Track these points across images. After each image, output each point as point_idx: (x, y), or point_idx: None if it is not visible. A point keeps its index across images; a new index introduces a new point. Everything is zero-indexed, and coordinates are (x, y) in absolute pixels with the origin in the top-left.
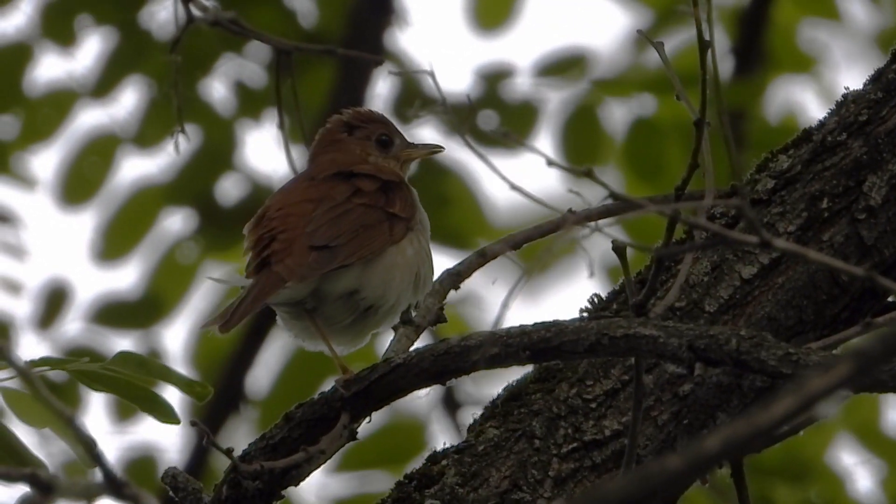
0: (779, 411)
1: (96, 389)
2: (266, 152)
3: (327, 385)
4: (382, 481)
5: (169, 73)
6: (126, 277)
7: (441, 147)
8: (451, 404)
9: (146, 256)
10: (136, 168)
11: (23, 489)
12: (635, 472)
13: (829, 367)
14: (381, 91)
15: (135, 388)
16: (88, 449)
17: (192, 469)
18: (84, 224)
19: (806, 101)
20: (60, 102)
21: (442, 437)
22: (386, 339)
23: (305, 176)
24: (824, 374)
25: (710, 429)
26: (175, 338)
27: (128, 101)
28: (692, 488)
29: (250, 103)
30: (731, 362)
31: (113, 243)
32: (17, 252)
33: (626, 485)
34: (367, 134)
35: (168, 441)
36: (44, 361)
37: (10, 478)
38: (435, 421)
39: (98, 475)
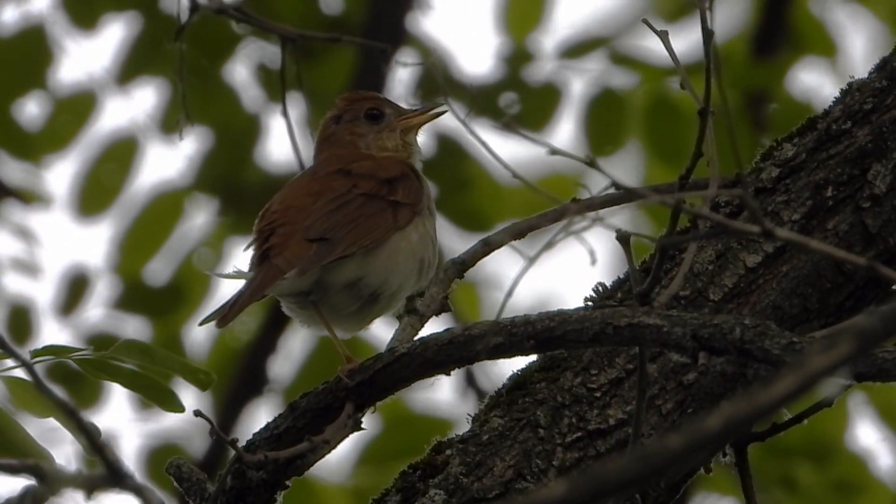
0: (780, 390)
1: (101, 378)
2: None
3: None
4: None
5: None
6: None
7: (444, 109)
8: (479, 393)
9: (165, 260)
10: (156, 170)
11: (26, 480)
12: (636, 452)
13: (831, 346)
14: (401, 77)
15: (139, 376)
16: (91, 439)
17: (213, 458)
18: (101, 235)
19: (824, 84)
20: (80, 107)
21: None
22: (390, 329)
23: (309, 172)
24: (825, 352)
25: None
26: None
27: (149, 94)
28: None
29: (272, 88)
30: (735, 351)
31: (130, 254)
32: (31, 269)
33: (626, 464)
34: (354, 114)
35: (191, 430)
36: (46, 350)
37: (13, 469)
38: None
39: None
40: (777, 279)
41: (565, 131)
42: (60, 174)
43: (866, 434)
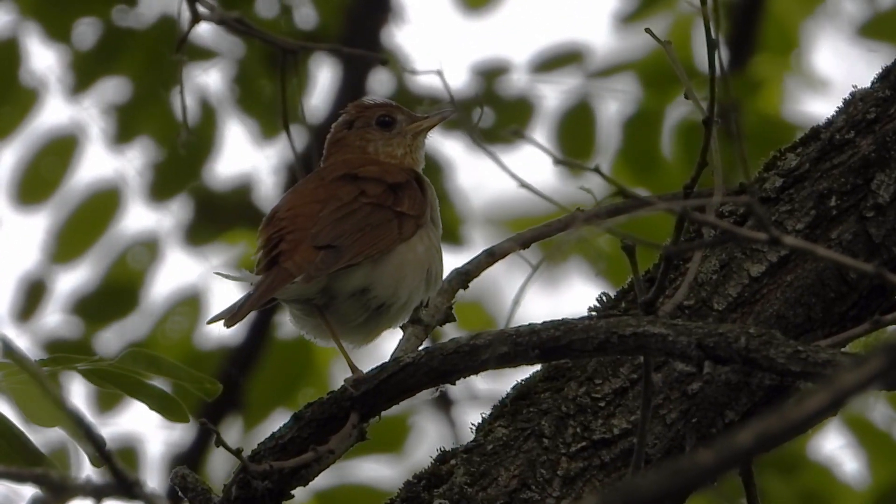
0: (811, 407)
1: (105, 388)
2: (251, 145)
3: (335, 384)
4: (372, 471)
5: (154, 68)
6: (83, 276)
7: (453, 111)
8: (444, 401)
9: (99, 259)
10: (100, 169)
11: (32, 489)
12: (668, 467)
13: (861, 362)
14: (380, 90)
15: (144, 386)
16: (98, 448)
17: (187, 461)
18: (39, 225)
19: (794, 90)
20: (22, 101)
21: (432, 433)
22: (395, 339)
23: (315, 176)
24: (856, 369)
25: (719, 427)
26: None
27: (103, 99)
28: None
29: (245, 98)
30: (740, 360)
31: (66, 246)
32: None
33: (658, 480)
34: (365, 121)
35: (150, 433)
36: (52, 360)
37: (20, 478)
38: (427, 417)
39: (108, 475)
40: (781, 289)
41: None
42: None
43: (830, 442)
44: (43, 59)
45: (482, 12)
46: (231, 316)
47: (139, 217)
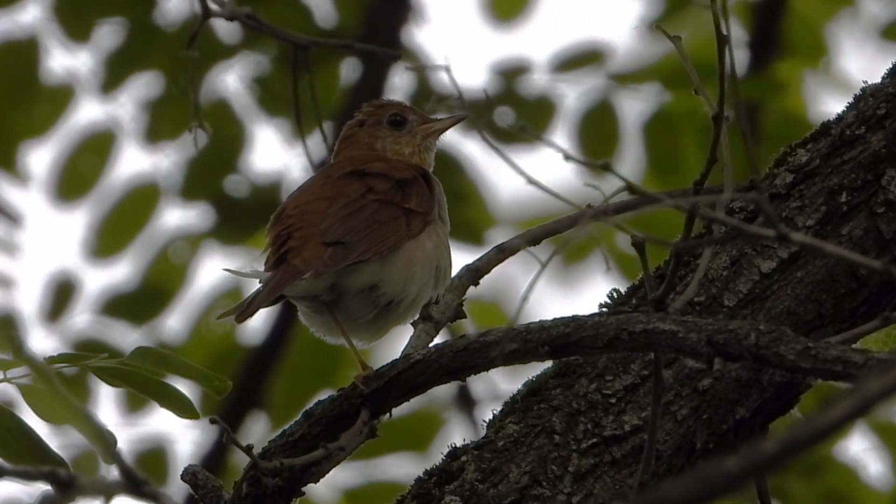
0: (837, 414)
1: (114, 385)
2: (278, 147)
3: (345, 381)
4: (398, 468)
5: (179, 67)
6: (120, 274)
7: (465, 114)
8: (468, 401)
9: (140, 253)
10: (137, 165)
11: (42, 487)
12: (694, 474)
13: (887, 368)
14: (398, 87)
15: (153, 383)
16: (108, 446)
17: (210, 461)
18: (78, 221)
19: (817, 91)
20: (58, 98)
21: (459, 433)
22: (405, 336)
23: (323, 174)
24: (882, 375)
25: (730, 424)
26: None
27: (134, 96)
28: None
29: (264, 99)
30: (751, 357)
31: (106, 241)
32: (9, 248)
33: (684, 486)
34: (377, 119)
35: (180, 433)
36: (62, 358)
37: (30, 476)
38: (453, 416)
39: (116, 472)
40: (791, 285)
41: (559, 143)
42: (39, 161)
43: (855, 444)
44: (75, 56)
45: (511, 24)
46: (241, 312)
47: (175, 213)
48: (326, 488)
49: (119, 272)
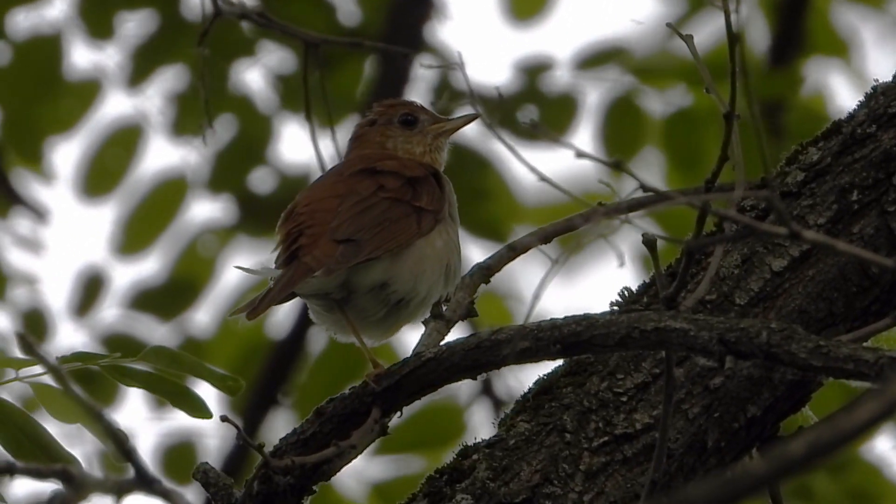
0: (862, 416)
1: (127, 385)
2: (302, 143)
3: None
4: (420, 464)
5: (204, 61)
6: (148, 269)
7: (476, 114)
8: (492, 401)
9: (168, 248)
10: (163, 159)
11: (54, 486)
12: (719, 477)
13: None
14: (419, 83)
15: (166, 382)
16: (119, 445)
17: (234, 457)
18: (105, 216)
19: (838, 86)
20: (84, 93)
21: (481, 431)
22: (416, 334)
23: (335, 172)
24: None
25: (741, 422)
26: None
27: (161, 90)
28: None
29: (287, 94)
30: (762, 355)
31: (133, 236)
32: (35, 246)
33: (708, 489)
34: (388, 118)
35: (208, 428)
36: (75, 357)
37: (41, 474)
38: (476, 412)
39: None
40: (803, 283)
41: (581, 140)
42: (65, 156)
43: (881, 442)
44: (101, 51)
45: (530, 23)
46: (252, 310)
47: (201, 207)
48: (356, 483)
49: (147, 266)
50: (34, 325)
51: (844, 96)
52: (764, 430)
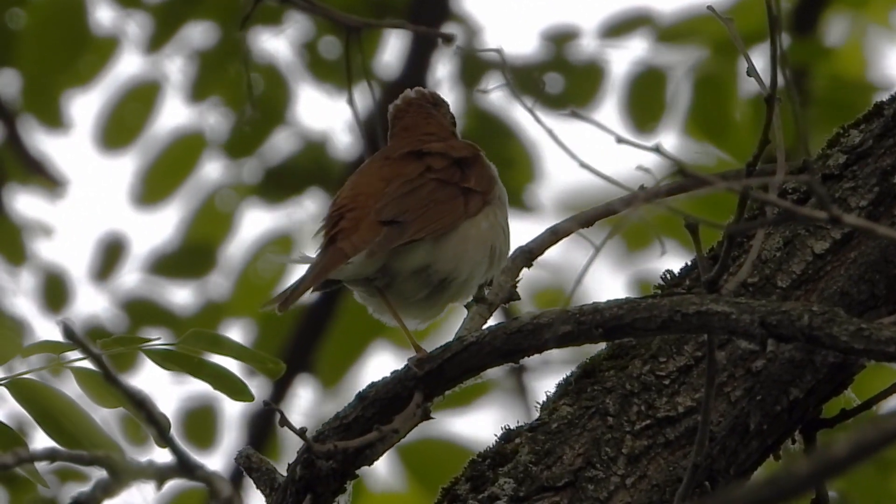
0: None
1: (168, 369)
2: (324, 110)
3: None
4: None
5: (231, 18)
6: (167, 224)
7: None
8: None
9: (186, 203)
10: (180, 117)
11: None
12: (763, 479)
13: None
14: (447, 58)
15: (207, 366)
16: (160, 430)
17: (258, 420)
18: (124, 168)
19: (867, 43)
20: (104, 48)
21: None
22: (459, 319)
23: (381, 155)
24: None
25: (783, 405)
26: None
27: (182, 48)
28: None
29: (313, 62)
30: (803, 338)
31: (152, 187)
32: (54, 194)
33: (752, 490)
34: (443, 112)
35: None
36: (115, 341)
37: (84, 461)
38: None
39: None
40: (845, 265)
41: (607, 107)
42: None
43: None
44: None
45: None
46: (283, 301)
47: (219, 168)
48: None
49: (166, 227)
50: (54, 291)
51: (872, 52)
52: (806, 413)
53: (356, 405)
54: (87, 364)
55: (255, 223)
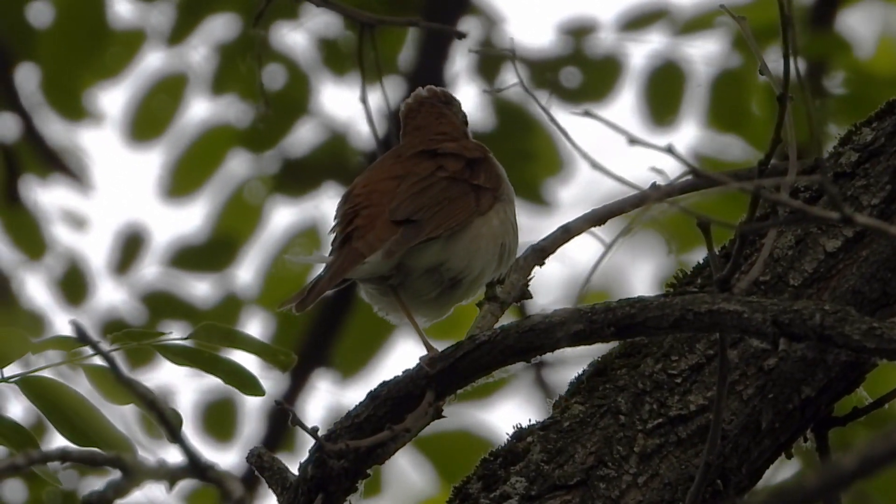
0: None
1: (180, 364)
2: (343, 103)
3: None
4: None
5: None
6: (193, 217)
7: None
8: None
9: (214, 195)
10: (207, 109)
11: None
12: (772, 490)
13: None
14: (463, 50)
15: (219, 361)
16: (171, 429)
17: (275, 414)
18: (152, 161)
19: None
20: (131, 42)
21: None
22: (471, 316)
23: (393, 154)
24: None
25: (795, 403)
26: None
27: (203, 41)
28: None
29: (330, 56)
30: (816, 337)
31: (181, 181)
32: (83, 188)
33: (761, 501)
34: (455, 111)
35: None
36: (126, 336)
37: (96, 461)
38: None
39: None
40: (857, 264)
41: (624, 100)
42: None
43: None
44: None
45: None
46: (300, 301)
47: (245, 163)
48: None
49: (192, 220)
50: (74, 283)
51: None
52: (818, 412)
53: (368, 404)
54: (99, 361)
55: (280, 216)
